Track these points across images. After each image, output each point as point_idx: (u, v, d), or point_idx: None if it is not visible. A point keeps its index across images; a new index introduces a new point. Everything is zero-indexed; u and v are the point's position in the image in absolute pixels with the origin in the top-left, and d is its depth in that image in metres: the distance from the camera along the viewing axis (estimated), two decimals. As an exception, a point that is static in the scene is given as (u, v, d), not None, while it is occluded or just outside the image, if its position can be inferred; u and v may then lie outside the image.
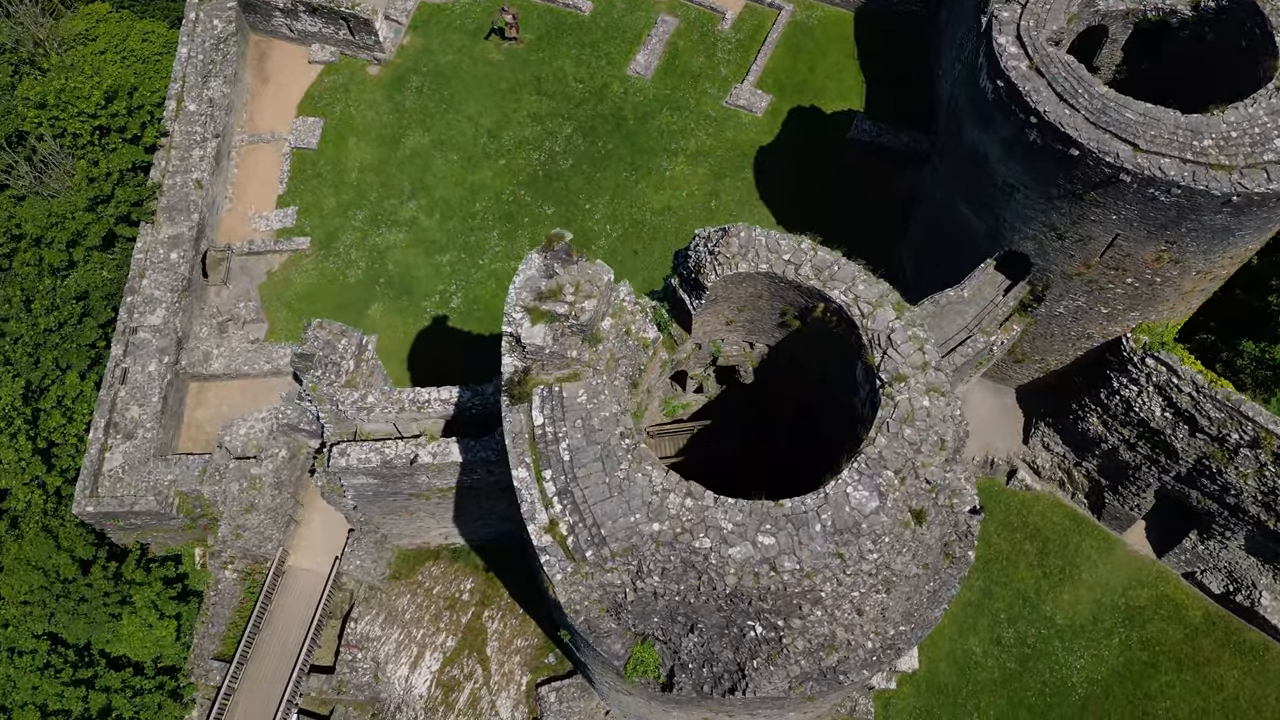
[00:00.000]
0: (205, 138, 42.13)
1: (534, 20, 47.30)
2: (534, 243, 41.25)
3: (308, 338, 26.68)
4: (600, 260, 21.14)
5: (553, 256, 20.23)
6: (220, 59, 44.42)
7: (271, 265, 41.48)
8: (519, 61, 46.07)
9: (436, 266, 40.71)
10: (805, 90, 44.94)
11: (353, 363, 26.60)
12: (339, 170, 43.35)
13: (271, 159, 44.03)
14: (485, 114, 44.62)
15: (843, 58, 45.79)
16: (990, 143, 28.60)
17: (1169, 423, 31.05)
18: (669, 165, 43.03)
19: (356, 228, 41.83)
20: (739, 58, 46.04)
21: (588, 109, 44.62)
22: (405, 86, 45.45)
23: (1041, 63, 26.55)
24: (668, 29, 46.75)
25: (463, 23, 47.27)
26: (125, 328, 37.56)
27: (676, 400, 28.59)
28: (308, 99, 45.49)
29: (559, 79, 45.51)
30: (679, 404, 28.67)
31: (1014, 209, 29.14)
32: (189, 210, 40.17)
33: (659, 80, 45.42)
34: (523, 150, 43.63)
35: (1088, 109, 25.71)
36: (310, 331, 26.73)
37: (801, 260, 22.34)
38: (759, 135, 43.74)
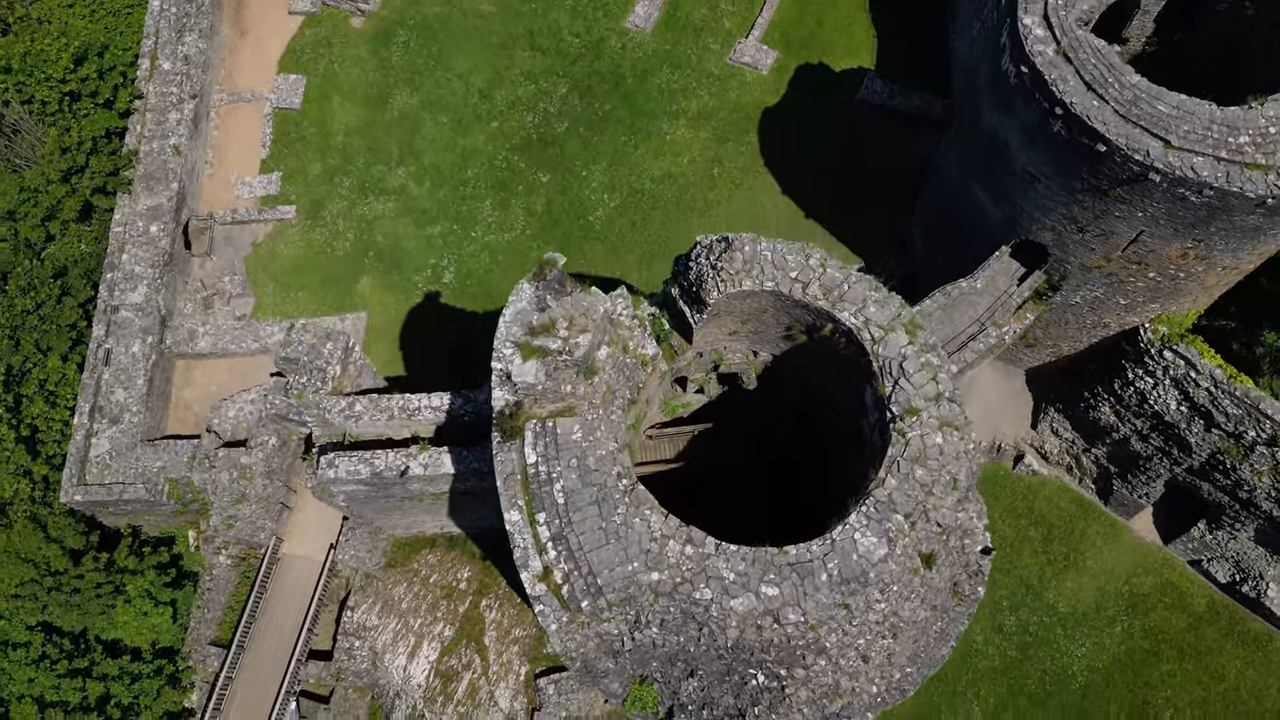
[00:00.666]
0: (182, 99, 40.06)
1: (527, -31, 44.58)
2: (528, 213, 39.68)
3: (292, 341, 25.53)
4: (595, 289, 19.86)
5: (545, 287, 18.96)
6: (195, 10, 41.94)
7: (256, 235, 39.93)
8: (511, 13, 43.58)
9: (428, 238, 39.18)
10: (813, 45, 42.58)
11: (339, 367, 25.53)
12: (324, 133, 41.39)
13: (253, 120, 42.00)
14: (476, 72, 42.39)
15: (853, 9, 43.26)
16: (1010, 129, 26.91)
17: (1184, 417, 30.14)
18: (669, 128, 41.06)
19: (343, 196, 40.13)
20: (744, 9, 43.52)
21: (584, 66, 42.38)
22: (392, 41, 43.07)
23: (1070, 47, 24.70)
24: (668, -23, 44.11)
25: (451, -30, 44.55)
26: (106, 306, 36.29)
27: (677, 400, 27.62)
28: (289, 54, 43.16)
29: (553, 32, 43.12)
30: (679, 403, 27.71)
31: (1033, 198, 27.63)
32: (168, 179, 38.43)
33: (659, 34, 43.03)
34: (516, 112, 41.58)
35: (1117, 100, 24.01)
36: (294, 335, 25.57)
37: (809, 278, 21.04)
38: (764, 95, 41.61)
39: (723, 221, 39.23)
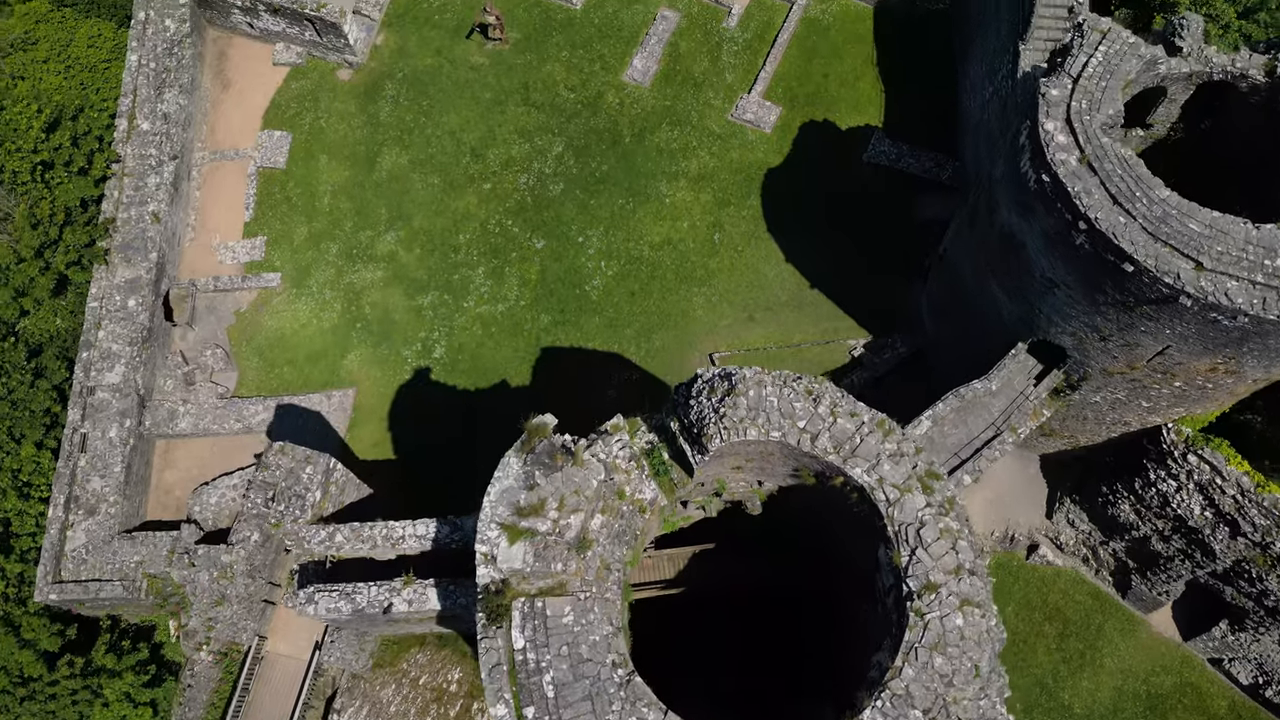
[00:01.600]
0: (162, 161, 38.50)
1: (520, 15, 42.89)
2: (523, 282, 38.17)
3: (269, 464, 24.10)
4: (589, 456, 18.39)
5: (533, 461, 17.54)
6: (175, 65, 40.31)
7: (240, 304, 38.44)
8: (504, 66, 41.92)
9: (418, 309, 37.67)
10: (818, 101, 40.95)
11: (319, 492, 24.14)
12: (310, 194, 39.82)
13: (236, 180, 40.43)
14: (468, 128, 40.77)
15: (860, 62, 41.61)
16: (1029, 232, 25.38)
17: (1208, 522, 28.75)
18: (669, 191, 39.48)
19: (330, 263, 38.60)
20: (746, 61, 41.86)
21: (580, 123, 40.75)
22: (380, 95, 41.44)
23: (1095, 157, 23.16)
24: (668, 26, 42.42)
25: (441, 18, 42.86)
26: (82, 388, 34.88)
27: (676, 515, 26.21)
28: (273, 108, 41.53)
29: (548, 86, 41.47)
30: (679, 519, 26.30)
31: (1052, 303, 26.14)
32: (146, 248, 36.92)
33: (658, 89, 41.39)
34: (510, 172, 39.98)
35: (1146, 217, 22.49)
36: (272, 457, 24.15)
37: (819, 428, 19.59)
38: (767, 155, 40.02)
39: (724, 292, 37.73)
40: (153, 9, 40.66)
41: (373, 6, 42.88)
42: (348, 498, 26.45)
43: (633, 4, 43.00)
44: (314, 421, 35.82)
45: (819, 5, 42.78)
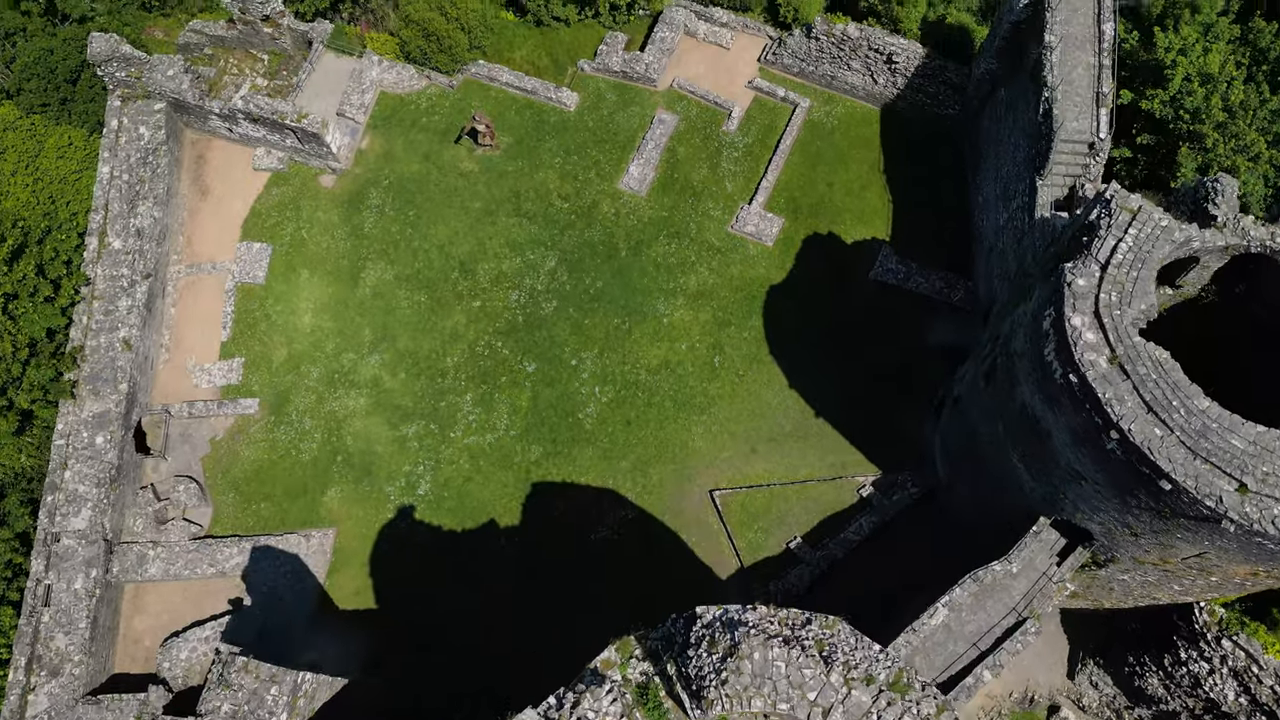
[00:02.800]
0: (134, 281, 36.66)
1: (511, 117, 41.13)
2: (513, 410, 36.32)
3: (230, 682, 22.21)
4: None
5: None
6: (150, 175, 38.50)
7: (216, 432, 36.56)
8: (495, 173, 40.14)
9: (401, 440, 35.81)
10: (822, 212, 39.20)
11: (285, 714, 22.19)
12: (290, 312, 37.98)
13: (213, 295, 38.59)
14: (457, 241, 38.97)
15: (866, 170, 39.86)
16: (1054, 423, 23.56)
17: (1243, 709, 26.88)
18: (667, 309, 37.68)
19: (311, 388, 36.75)
20: (747, 168, 40.10)
21: (574, 235, 38.96)
22: (364, 204, 39.64)
23: (1127, 357, 21.37)
24: (665, 130, 40.65)
25: (429, 120, 41.09)
26: (46, 535, 33.00)
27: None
28: (253, 217, 39.73)
29: (541, 195, 39.69)
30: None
31: (1079, 493, 24.32)
32: (116, 379, 35.06)
33: (655, 198, 39.62)
34: (500, 288, 38.17)
35: (1184, 430, 20.68)
36: (234, 675, 22.25)
37: (831, 701, 17.72)
38: (769, 270, 38.25)
39: (725, 421, 35.90)
40: (126, 116, 38.90)
41: (357, 109, 41.11)
42: (319, 699, 24.52)
43: (628, 106, 41.26)
44: (291, 565, 33.95)
45: (822, 107, 41.05)
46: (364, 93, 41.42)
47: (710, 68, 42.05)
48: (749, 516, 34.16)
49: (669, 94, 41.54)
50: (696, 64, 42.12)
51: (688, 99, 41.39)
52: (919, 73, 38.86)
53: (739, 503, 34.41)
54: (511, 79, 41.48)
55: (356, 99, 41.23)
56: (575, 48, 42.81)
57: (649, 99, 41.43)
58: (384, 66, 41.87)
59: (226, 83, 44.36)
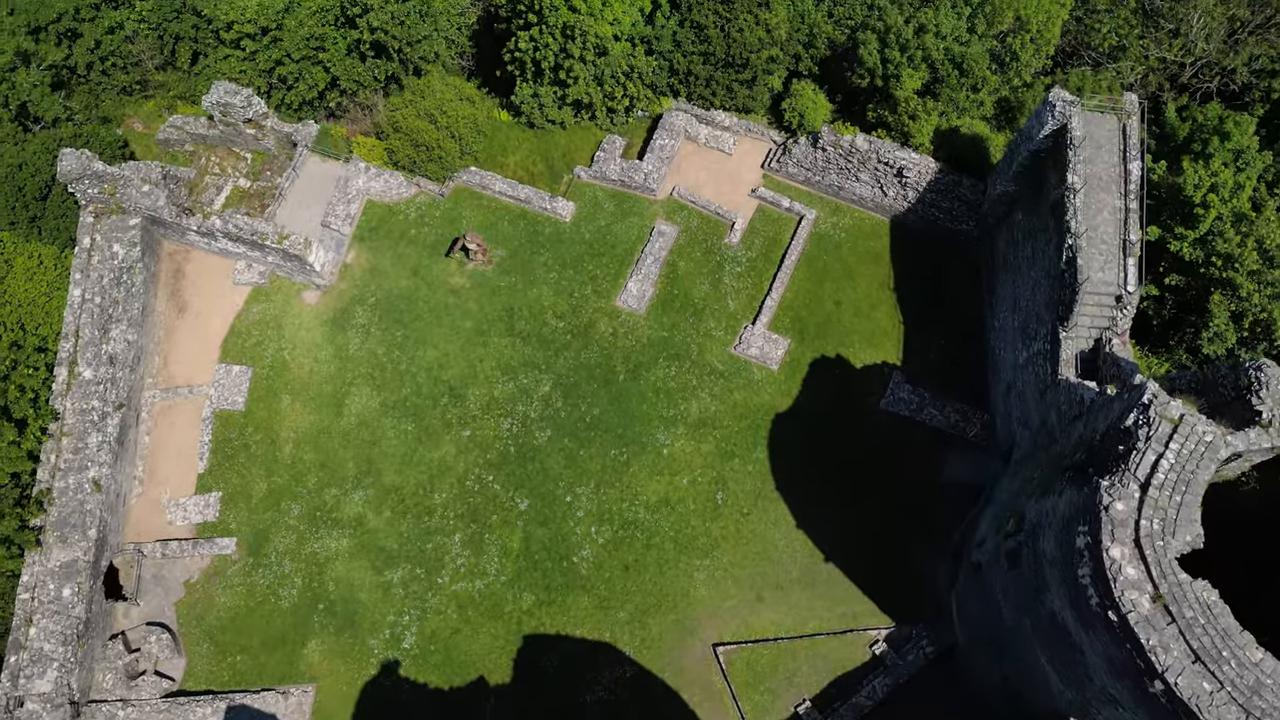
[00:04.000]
0: (106, 413, 34.74)
1: (504, 227, 39.33)
2: (504, 552, 34.40)
3: None
4: None
5: None
6: (124, 295, 36.66)
7: (190, 573, 34.62)
8: (487, 289, 38.31)
9: (386, 587, 33.86)
10: (830, 332, 37.38)
11: None
12: (271, 441, 36.09)
13: (190, 422, 36.70)
14: (446, 364, 37.11)
15: (875, 287, 38.05)
16: (1088, 643, 21.68)
17: None
18: (667, 439, 35.79)
19: (291, 527, 34.82)
20: (751, 284, 38.27)
21: (569, 357, 37.10)
22: (350, 323, 37.79)
23: (1172, 597, 19.48)
24: (665, 243, 38.82)
25: (419, 232, 39.29)
26: (9, 699, 31.01)
27: None
28: (233, 336, 37.87)
29: (535, 314, 37.85)
30: None
31: (1114, 716, 22.37)
32: (85, 524, 33.11)
33: (655, 316, 37.78)
34: (491, 416, 36.29)
35: (1235, 685, 18.79)
36: None
37: None
38: (774, 397, 36.38)
39: (728, 565, 34.01)
40: (99, 233, 37.06)
41: (343, 220, 39.31)
42: None
43: (627, 216, 39.48)
44: (269, 726, 31.95)
45: (829, 218, 39.27)
46: (350, 202, 39.63)
47: (712, 174, 40.28)
48: (755, 676, 32.19)
49: (669, 203, 39.75)
50: (697, 170, 40.35)
51: (688, 209, 39.61)
52: (931, 187, 37.09)
53: (744, 659, 32.47)
54: (505, 187, 39.69)
55: (342, 209, 39.43)
56: (571, 152, 41.07)
57: (648, 209, 39.65)
58: (371, 174, 40.09)
59: (208, 184, 42.64)
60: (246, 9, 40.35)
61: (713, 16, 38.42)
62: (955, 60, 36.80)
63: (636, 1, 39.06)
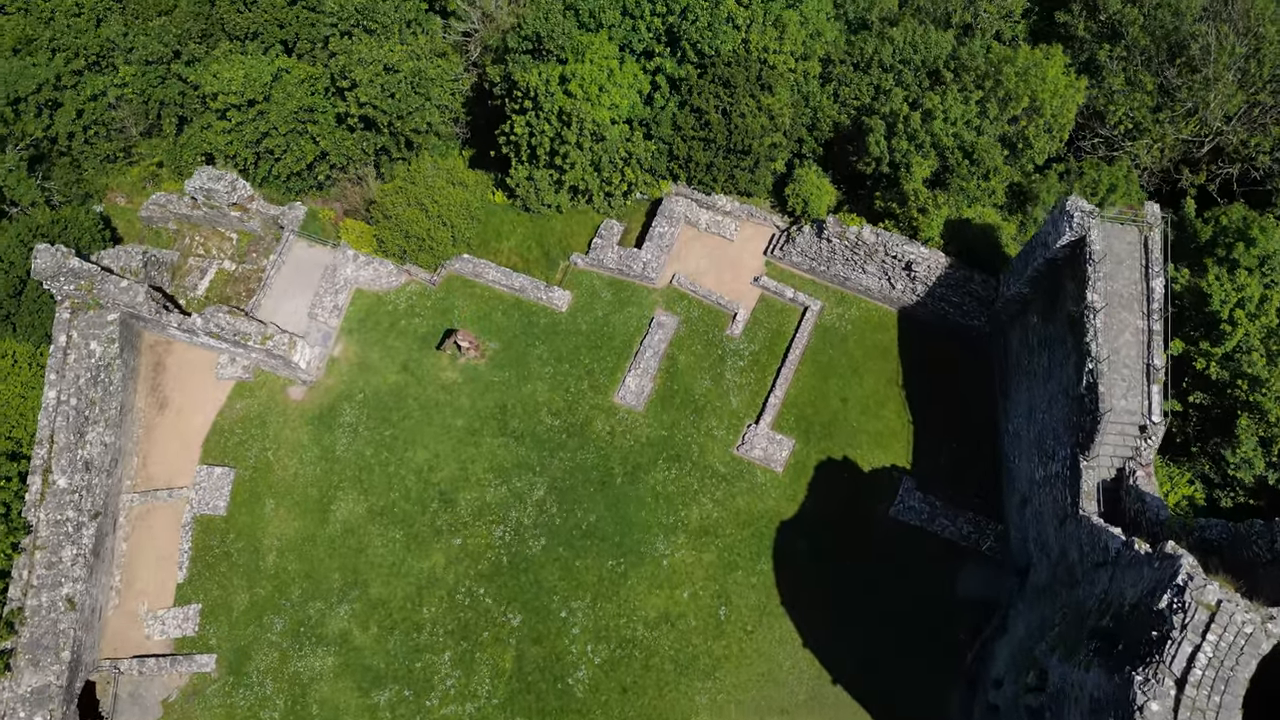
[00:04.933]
0: (81, 524, 33.30)
1: (498, 318, 37.92)
2: (495, 672, 32.86)
3: None
4: None
5: None
6: (102, 395, 35.23)
7: (168, 691, 33.10)
8: (479, 384, 36.87)
9: (372, 710, 32.33)
10: (836, 432, 35.90)
11: None
12: (253, 549, 34.62)
13: (169, 527, 35.22)
14: (437, 465, 35.64)
15: (883, 384, 36.59)
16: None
17: None
18: (667, 548, 34.30)
19: (273, 643, 33.31)
20: (754, 380, 36.81)
21: (565, 458, 35.63)
22: (337, 421, 36.33)
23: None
24: (665, 335, 37.36)
25: (409, 323, 37.87)
26: (-28, 839, 29.52)
27: None
28: (215, 434, 36.41)
29: (529, 411, 36.39)
30: None
31: None
32: (58, 645, 31.64)
33: (654, 414, 36.31)
34: (483, 523, 34.81)
35: None
36: None
37: None
38: (778, 503, 34.90)
39: (731, 688, 32.47)
40: (76, 330, 35.64)
41: (330, 312, 37.92)
42: None
43: (625, 306, 38.07)
44: None
45: (835, 309, 37.84)
46: (338, 293, 38.22)
47: (713, 261, 38.88)
48: (760, 811, 30.70)
49: (668, 292, 38.33)
50: (698, 257, 38.96)
51: (689, 298, 38.17)
52: (941, 282, 35.67)
53: (748, 794, 30.97)
54: (499, 276, 38.28)
55: (329, 300, 38.03)
56: (568, 237, 39.70)
57: (647, 298, 38.23)
58: (360, 262, 38.68)
59: (191, 266, 41.32)
60: (232, 81, 39.03)
61: (714, 100, 37.08)
62: (966, 149, 35.43)
63: (635, 84, 37.77)
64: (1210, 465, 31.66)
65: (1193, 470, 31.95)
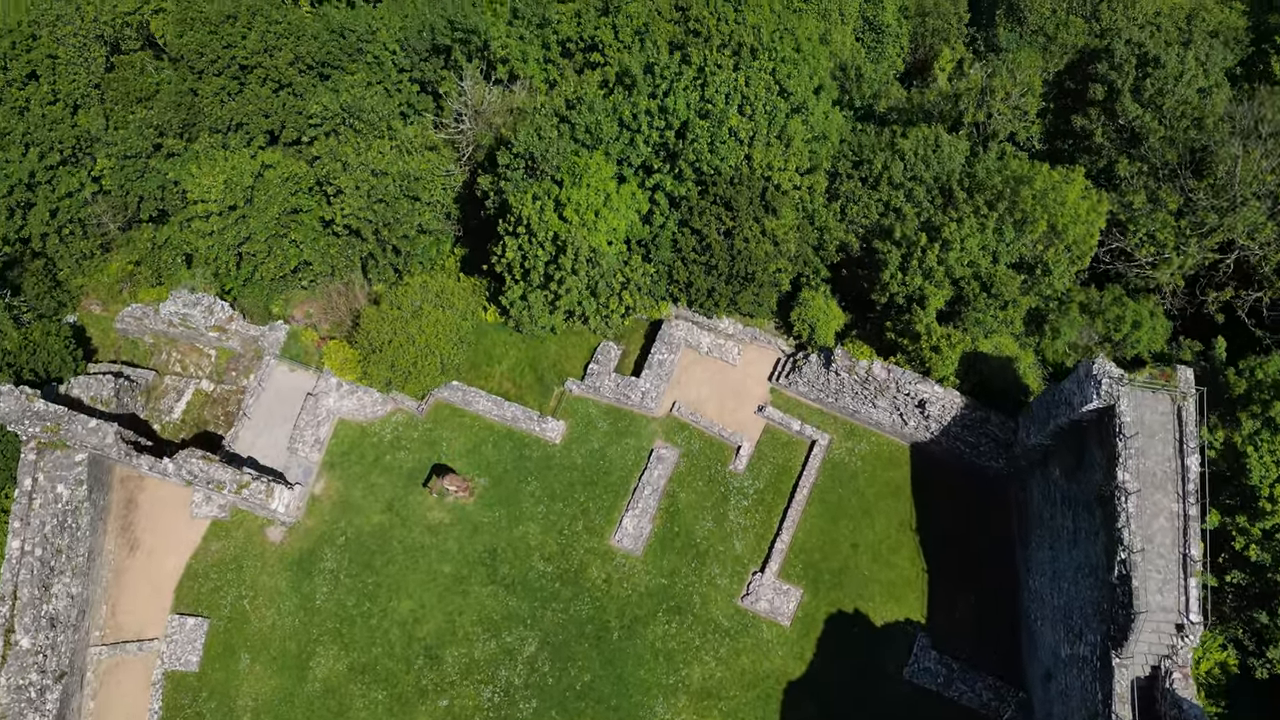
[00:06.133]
0: (45, 686, 31.37)
1: (488, 451, 35.97)
2: None
3: None
4: None
5: None
6: (69, 543, 33.32)
7: None
8: (468, 525, 34.88)
9: None
10: (846, 581, 33.88)
11: None
12: (227, 709, 32.62)
13: (139, 684, 33.22)
14: (422, 617, 33.62)
15: (896, 527, 34.58)
16: None
17: None
18: (667, 713, 32.23)
19: (247, 819, 31.28)
20: (759, 521, 34.81)
21: (558, 609, 33.60)
22: (316, 567, 34.34)
23: None
24: (664, 470, 35.36)
25: (394, 457, 35.91)
26: None
27: None
28: (189, 579, 34.44)
29: (521, 554, 34.39)
30: None
31: None
32: (14, 830, 29.64)
33: (652, 559, 34.31)
34: (471, 682, 32.76)
35: None
36: None
37: None
38: (786, 661, 32.84)
39: None
40: (42, 472, 33.71)
41: (311, 446, 35.97)
42: None
43: (623, 438, 36.11)
44: None
45: (844, 442, 35.87)
46: (319, 425, 36.28)
47: (715, 388, 36.94)
48: None
49: (668, 422, 36.37)
50: (699, 383, 37.02)
51: (690, 429, 36.21)
52: (957, 421, 33.70)
53: None
54: (489, 405, 36.33)
55: (310, 434, 36.09)
56: (563, 361, 37.80)
57: (645, 428, 36.27)
58: (343, 391, 36.74)
59: (167, 386, 39.43)
60: (212, 189, 37.21)
61: (715, 223, 35.18)
62: (982, 280, 33.50)
63: (633, 203, 35.84)
64: (1245, 631, 29.67)
65: (1226, 634, 29.94)
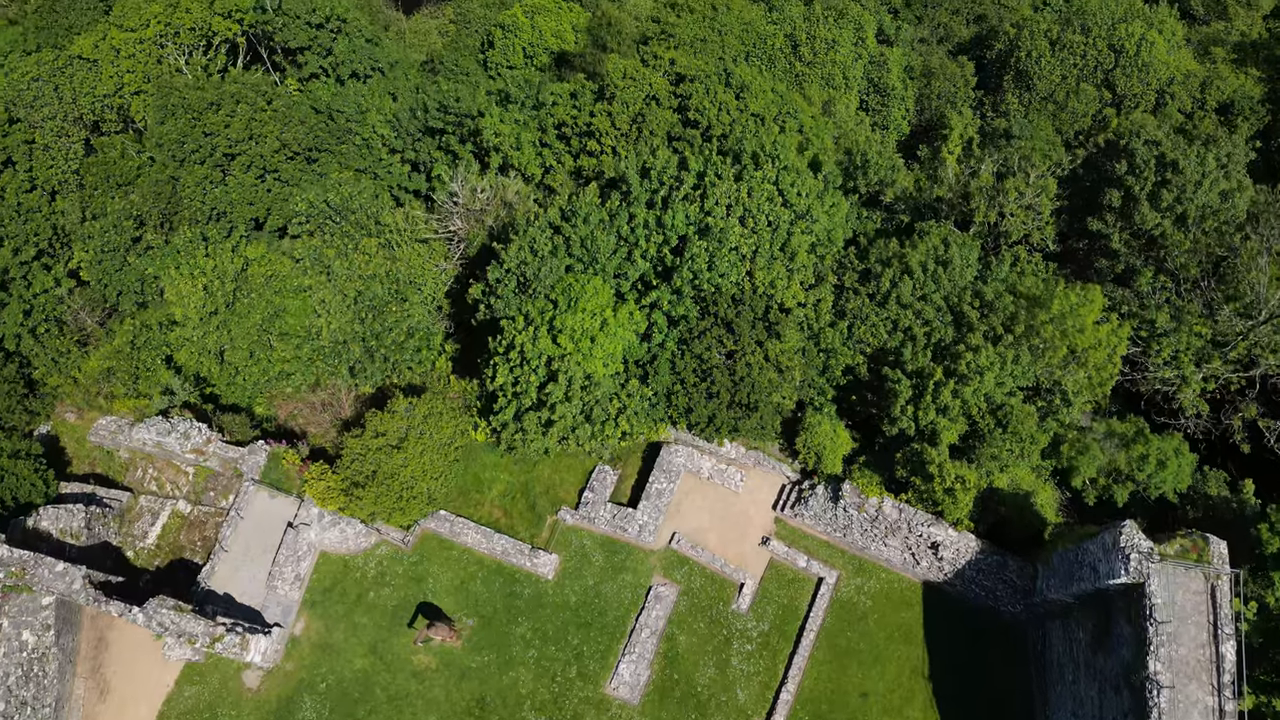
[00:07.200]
0: None
1: (476, 587, 34.16)
2: None
3: None
4: None
5: None
6: (35, 693, 31.53)
7: None
8: (455, 671, 33.03)
9: None
10: (856, 734, 32.03)
11: None
12: None
13: (106, 847, 31.34)
14: (407, 775, 31.78)
15: (908, 674, 32.71)
16: None
17: None
18: None
19: None
20: (764, 666, 32.96)
21: (550, 766, 31.78)
22: (295, 718, 32.44)
23: None
24: (663, 610, 33.54)
25: (378, 594, 34.09)
26: None
27: None
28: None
29: (511, 705, 32.53)
30: None
31: None
32: None
33: (651, 710, 32.46)
34: (458, 847, 30.89)
35: None
36: None
37: None
38: (792, 825, 30.97)
39: None
40: (7, 618, 31.90)
41: (291, 582, 34.15)
42: None
43: (619, 573, 34.30)
44: None
45: (853, 579, 34.04)
46: (300, 560, 34.49)
47: (717, 517, 35.16)
48: None
49: (667, 554, 34.56)
50: (700, 511, 35.25)
51: (690, 563, 34.40)
52: (972, 565, 31.94)
53: None
54: (479, 538, 34.56)
55: (290, 570, 34.29)
56: (556, 486, 36.03)
57: (643, 562, 34.47)
58: (325, 521, 34.94)
59: (143, 508, 37.68)
60: (190, 296, 35.71)
61: (716, 345, 33.48)
62: (997, 417, 31.72)
63: (631, 324, 34.09)
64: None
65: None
